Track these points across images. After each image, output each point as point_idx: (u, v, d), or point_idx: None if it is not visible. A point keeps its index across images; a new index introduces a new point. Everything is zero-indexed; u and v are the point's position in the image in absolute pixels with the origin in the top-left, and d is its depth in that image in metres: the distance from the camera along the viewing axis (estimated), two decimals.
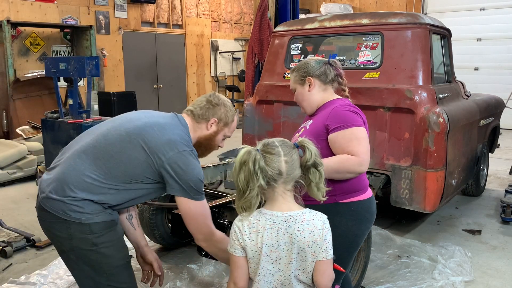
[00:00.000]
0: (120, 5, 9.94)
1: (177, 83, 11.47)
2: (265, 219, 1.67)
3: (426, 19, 3.83)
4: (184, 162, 2.01)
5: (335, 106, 2.21)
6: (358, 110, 2.22)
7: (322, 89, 2.29)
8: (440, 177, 3.60)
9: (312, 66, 2.30)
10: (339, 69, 2.34)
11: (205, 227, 2.08)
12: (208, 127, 2.22)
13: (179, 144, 2.04)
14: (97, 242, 2.00)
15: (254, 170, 1.63)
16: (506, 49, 10.11)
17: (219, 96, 2.27)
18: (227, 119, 2.24)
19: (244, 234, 1.67)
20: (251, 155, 1.65)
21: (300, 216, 1.67)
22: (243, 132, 4.74)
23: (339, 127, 2.10)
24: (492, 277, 3.42)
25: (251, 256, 1.68)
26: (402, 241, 3.97)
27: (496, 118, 5.21)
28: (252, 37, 7.26)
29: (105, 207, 2.02)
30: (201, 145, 2.24)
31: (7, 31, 7.47)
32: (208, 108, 2.21)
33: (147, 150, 2.01)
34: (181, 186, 2.01)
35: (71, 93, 5.14)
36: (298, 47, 4.38)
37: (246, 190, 1.64)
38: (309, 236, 1.64)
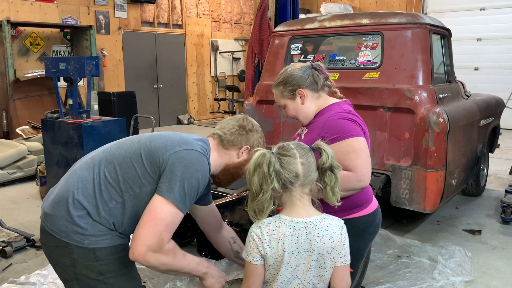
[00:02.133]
0: (120, 5, 9.94)
1: (177, 83, 11.47)
2: (285, 226, 1.62)
3: (426, 19, 3.83)
4: (191, 159, 1.76)
5: (330, 114, 2.04)
6: (356, 117, 2.05)
7: (315, 97, 2.13)
8: (440, 177, 3.60)
9: (299, 76, 2.10)
10: (325, 72, 2.17)
11: (158, 238, 1.68)
12: (239, 155, 1.99)
13: (190, 143, 1.82)
14: (104, 270, 1.77)
15: (268, 172, 1.59)
16: (506, 49, 10.11)
17: (252, 121, 2.07)
18: (259, 146, 2.01)
19: (264, 242, 1.61)
20: (265, 157, 1.61)
21: (320, 222, 1.64)
22: None
23: (335, 138, 1.93)
24: (492, 277, 3.42)
25: (271, 264, 1.63)
26: (402, 241, 3.97)
27: (496, 118, 5.21)
28: (252, 37, 7.26)
29: (111, 228, 1.79)
30: (228, 172, 2.02)
31: (7, 31, 7.47)
32: (240, 134, 1.98)
33: (152, 150, 1.80)
34: (170, 183, 1.72)
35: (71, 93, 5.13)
36: (298, 47, 4.38)
37: (259, 192, 1.60)
38: (328, 242, 1.61)
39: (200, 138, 1.95)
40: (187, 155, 1.77)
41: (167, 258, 1.73)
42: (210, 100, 12.34)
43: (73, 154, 4.65)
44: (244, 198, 2.96)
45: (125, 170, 1.78)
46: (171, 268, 1.78)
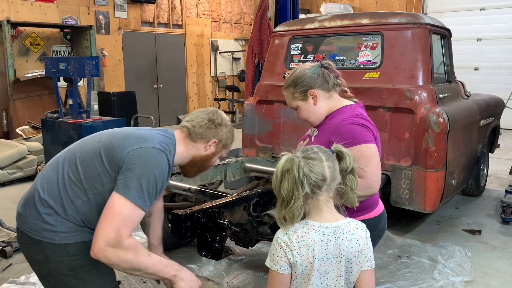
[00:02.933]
0: (120, 5, 9.94)
1: (177, 83, 11.47)
2: (314, 232, 1.57)
3: (426, 19, 3.83)
4: (148, 156, 1.76)
5: (341, 119, 2.00)
6: (368, 122, 2.02)
7: (327, 97, 2.09)
8: (440, 177, 3.60)
9: (310, 76, 2.06)
10: (335, 70, 2.12)
11: (115, 233, 1.68)
12: (207, 148, 2.02)
13: (150, 140, 1.83)
14: (75, 265, 1.78)
15: (299, 177, 1.53)
16: (506, 49, 10.11)
17: (222, 115, 2.06)
18: (228, 141, 2.05)
19: (294, 249, 1.55)
20: (294, 162, 1.55)
21: (347, 226, 1.61)
22: (243, 132, 4.74)
23: (346, 144, 1.86)
24: (492, 277, 3.42)
25: (300, 272, 1.57)
26: (402, 241, 3.97)
27: (496, 118, 5.21)
28: (252, 37, 7.26)
29: (81, 224, 1.80)
30: (195, 165, 2.05)
31: (7, 31, 7.47)
32: (209, 128, 1.99)
33: (111, 145, 1.81)
34: (125, 180, 1.72)
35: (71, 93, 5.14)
36: (298, 47, 4.38)
37: (290, 199, 1.54)
38: (355, 246, 1.58)
39: (164, 132, 1.95)
40: (144, 153, 1.77)
41: (127, 255, 1.71)
42: (210, 100, 12.33)
43: None
44: (244, 198, 2.97)
45: (86, 169, 1.80)
46: (133, 265, 1.75)
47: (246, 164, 4.06)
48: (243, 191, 3.61)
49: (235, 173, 4.04)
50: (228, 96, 12.32)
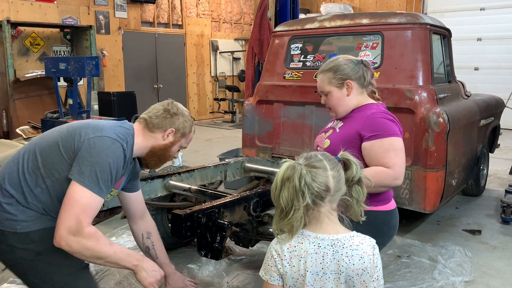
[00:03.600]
0: (120, 5, 9.94)
1: (177, 83, 11.47)
2: (308, 242, 1.47)
3: (426, 19, 3.83)
4: (102, 145, 1.82)
5: (371, 112, 2.08)
6: (395, 118, 2.11)
7: (359, 92, 2.17)
8: (440, 177, 3.60)
9: (352, 68, 2.14)
10: (372, 70, 2.23)
11: (75, 220, 1.73)
12: (165, 137, 2.07)
13: (105, 130, 1.89)
14: (40, 251, 1.83)
15: (300, 187, 1.43)
16: (506, 49, 10.11)
17: (178, 105, 2.12)
18: (185, 129, 2.11)
19: (284, 259, 1.47)
20: (296, 170, 1.45)
21: (348, 240, 1.47)
22: (243, 132, 4.74)
23: (376, 135, 1.99)
24: (492, 277, 3.42)
25: (291, 284, 1.48)
26: (402, 241, 3.97)
27: (496, 118, 5.21)
28: (252, 37, 7.26)
29: (42, 212, 1.85)
30: (154, 155, 2.10)
31: (7, 31, 7.47)
32: (165, 118, 2.06)
33: (69, 132, 1.89)
34: (80, 167, 1.78)
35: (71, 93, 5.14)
36: (298, 47, 4.39)
37: (290, 210, 1.44)
38: (358, 263, 1.44)
39: (122, 124, 2.02)
40: (99, 141, 1.83)
41: (89, 242, 1.75)
42: (210, 100, 12.34)
43: None
44: (244, 198, 2.97)
45: (44, 157, 1.86)
46: (95, 253, 1.79)
47: (246, 164, 4.06)
48: (243, 191, 3.62)
49: (235, 173, 4.04)
50: (228, 96, 12.32)
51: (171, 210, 3.13)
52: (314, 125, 4.16)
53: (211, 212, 2.74)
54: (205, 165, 3.83)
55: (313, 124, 4.17)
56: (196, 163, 5.98)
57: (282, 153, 4.38)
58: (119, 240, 4.00)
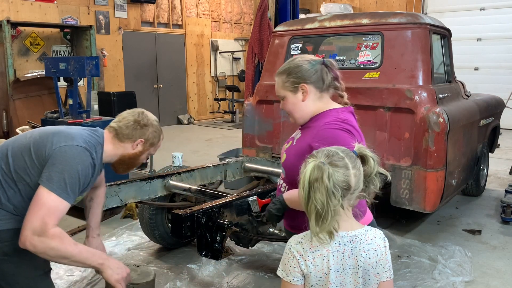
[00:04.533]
0: (120, 5, 9.94)
1: (177, 83, 11.47)
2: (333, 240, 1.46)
3: (426, 19, 3.83)
4: (72, 153, 1.90)
5: (325, 122, 1.86)
6: (353, 128, 1.85)
7: (318, 97, 1.94)
8: (440, 177, 3.61)
9: (307, 69, 1.91)
10: (336, 71, 1.96)
11: (40, 222, 1.78)
12: (134, 147, 2.13)
13: (76, 139, 1.95)
14: (8, 251, 1.87)
15: (331, 187, 1.39)
16: (506, 49, 10.11)
17: (148, 115, 2.18)
18: (154, 139, 2.17)
19: (308, 259, 1.45)
20: (323, 170, 1.40)
21: (364, 235, 1.50)
22: (243, 132, 4.74)
23: None
24: (492, 277, 3.42)
25: (314, 284, 1.47)
26: (402, 241, 3.97)
27: (496, 118, 5.21)
28: (252, 37, 7.26)
29: (14, 213, 1.90)
30: (123, 162, 2.16)
31: (7, 31, 7.47)
32: (135, 129, 2.11)
33: (40, 141, 1.94)
34: (50, 174, 1.85)
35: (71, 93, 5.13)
36: (298, 47, 4.38)
37: (327, 212, 1.38)
38: (373, 256, 1.48)
39: (93, 132, 2.10)
40: (69, 150, 1.91)
41: (53, 242, 1.80)
42: (210, 100, 12.33)
43: None
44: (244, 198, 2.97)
45: (16, 162, 1.92)
46: (59, 253, 1.83)
47: (246, 164, 4.06)
48: (243, 191, 3.62)
49: (235, 173, 4.04)
50: (228, 96, 12.32)
51: (171, 210, 3.13)
52: None
53: (211, 212, 2.74)
54: (205, 165, 3.83)
55: None
56: (196, 163, 5.98)
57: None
58: (119, 240, 4.00)
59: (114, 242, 3.94)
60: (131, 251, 3.81)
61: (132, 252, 3.79)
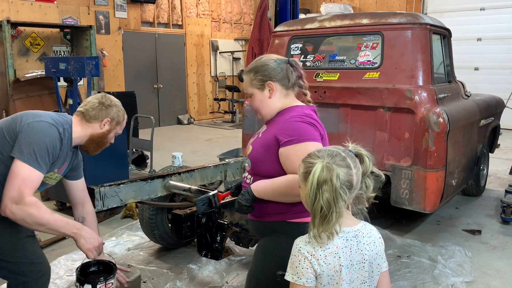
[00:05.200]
0: (120, 5, 9.94)
1: (177, 83, 11.47)
2: (337, 238, 1.47)
3: (426, 19, 3.83)
4: (40, 128, 2.10)
5: (290, 115, 1.94)
6: (316, 122, 1.94)
7: (284, 94, 2.02)
8: (440, 177, 3.60)
9: (273, 68, 1.99)
10: (300, 70, 2.06)
11: (17, 191, 1.99)
12: (101, 126, 2.34)
13: (44, 117, 2.15)
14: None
15: (339, 187, 1.41)
16: (506, 49, 10.11)
17: (110, 97, 2.39)
18: (119, 118, 2.38)
19: (320, 258, 1.44)
20: (331, 171, 1.42)
21: (364, 229, 1.55)
22: (243, 132, 4.74)
23: (291, 140, 1.84)
24: (492, 277, 3.42)
25: (326, 283, 1.46)
26: (402, 241, 3.97)
27: (496, 118, 5.21)
28: (252, 37, 7.26)
29: None
30: (93, 142, 2.36)
31: (7, 31, 7.47)
32: (100, 109, 2.32)
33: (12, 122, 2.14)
34: (20, 146, 2.05)
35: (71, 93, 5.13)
36: (298, 47, 4.38)
37: (332, 214, 1.41)
38: (374, 248, 1.53)
39: (61, 115, 2.31)
40: (37, 125, 2.12)
41: (30, 209, 2.00)
42: (210, 100, 12.34)
43: None
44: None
45: None
46: (37, 220, 2.02)
47: (246, 164, 4.06)
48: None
49: (235, 173, 4.04)
50: (228, 96, 12.32)
51: (171, 210, 3.13)
52: None
53: (211, 212, 2.74)
54: (205, 165, 3.83)
55: None
56: (196, 163, 5.98)
57: None
58: (119, 240, 4.00)
59: (114, 242, 3.94)
60: (131, 251, 3.81)
61: (132, 252, 3.79)
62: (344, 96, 3.91)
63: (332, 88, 3.99)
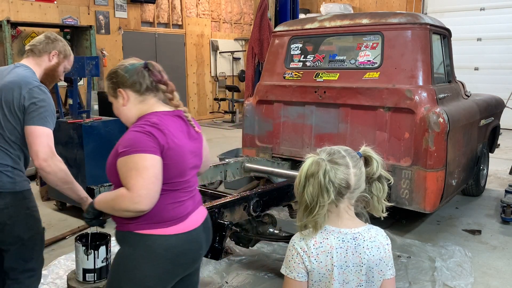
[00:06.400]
0: (120, 5, 9.94)
1: (177, 83, 11.31)
2: (333, 238, 1.50)
3: (426, 19, 3.83)
4: (39, 94, 2.27)
5: (134, 124, 1.83)
6: (159, 131, 1.74)
7: (139, 101, 1.88)
8: (440, 177, 3.60)
9: (121, 75, 1.88)
10: (157, 74, 1.91)
11: (47, 147, 2.18)
12: (51, 58, 2.48)
13: (31, 82, 2.31)
14: (30, 205, 2.36)
15: (325, 183, 1.44)
16: (506, 49, 10.11)
17: (55, 34, 2.59)
18: (66, 52, 2.55)
19: (311, 256, 1.48)
20: (320, 166, 1.46)
21: (367, 232, 1.54)
22: (243, 132, 4.74)
23: (123, 152, 1.71)
24: (492, 277, 3.42)
25: (317, 280, 1.50)
26: (402, 241, 3.97)
27: (496, 118, 5.21)
28: (252, 37, 7.25)
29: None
30: (47, 76, 2.51)
31: (7, 31, 7.47)
32: (47, 43, 2.48)
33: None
34: (33, 115, 2.22)
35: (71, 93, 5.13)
36: (298, 47, 4.39)
37: (315, 206, 1.45)
38: (376, 254, 1.52)
39: (24, 68, 2.40)
40: (39, 90, 2.32)
41: (62, 165, 2.20)
42: (210, 100, 12.33)
43: (73, 154, 4.65)
44: (244, 198, 2.97)
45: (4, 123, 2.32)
46: (66, 177, 2.21)
47: (246, 164, 4.06)
48: (243, 191, 3.62)
49: (235, 173, 4.04)
50: (228, 96, 12.32)
51: None
52: (314, 125, 4.17)
53: (211, 212, 2.74)
54: None
55: (313, 124, 4.17)
56: None
57: (282, 153, 4.38)
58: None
59: (114, 242, 3.92)
60: None
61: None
62: (344, 96, 3.92)
63: (332, 88, 3.99)
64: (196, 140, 1.97)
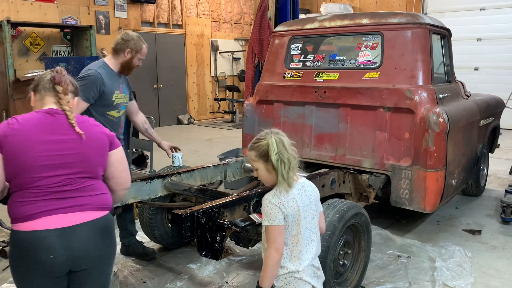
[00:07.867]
0: (120, 5, 9.94)
1: (177, 83, 11.47)
2: (294, 189, 2.04)
3: (426, 19, 3.83)
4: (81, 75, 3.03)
5: None
6: (9, 129, 1.85)
7: (37, 99, 2.04)
8: (440, 177, 3.61)
9: (36, 78, 2.10)
10: (56, 77, 2.01)
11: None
12: (126, 55, 3.26)
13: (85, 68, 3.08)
14: None
15: (292, 149, 2.02)
16: (506, 49, 10.10)
17: (129, 33, 3.31)
18: (137, 48, 3.26)
19: (284, 204, 1.99)
20: (281, 139, 2.01)
21: (305, 181, 2.14)
22: (243, 132, 4.74)
23: None
24: (492, 277, 3.42)
25: (291, 221, 2.01)
26: (402, 241, 3.97)
27: (496, 118, 5.21)
28: (252, 37, 7.26)
29: None
30: (125, 66, 3.30)
31: (7, 31, 7.47)
32: (122, 44, 3.25)
33: None
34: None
35: None
36: (298, 47, 4.39)
37: (291, 165, 1.99)
38: (315, 194, 2.14)
39: (97, 62, 3.28)
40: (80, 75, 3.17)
41: None
42: (210, 100, 12.33)
43: None
44: (244, 198, 2.97)
45: None
46: None
47: (246, 164, 4.06)
48: (243, 191, 3.61)
49: (235, 173, 4.04)
50: (228, 96, 12.32)
51: (171, 210, 3.13)
52: (314, 125, 4.17)
53: (211, 212, 2.74)
54: (205, 165, 3.83)
55: (313, 124, 4.17)
56: (196, 163, 5.98)
57: None
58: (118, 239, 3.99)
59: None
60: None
61: None
62: (344, 96, 3.92)
63: (332, 88, 3.99)
64: (67, 139, 1.92)
